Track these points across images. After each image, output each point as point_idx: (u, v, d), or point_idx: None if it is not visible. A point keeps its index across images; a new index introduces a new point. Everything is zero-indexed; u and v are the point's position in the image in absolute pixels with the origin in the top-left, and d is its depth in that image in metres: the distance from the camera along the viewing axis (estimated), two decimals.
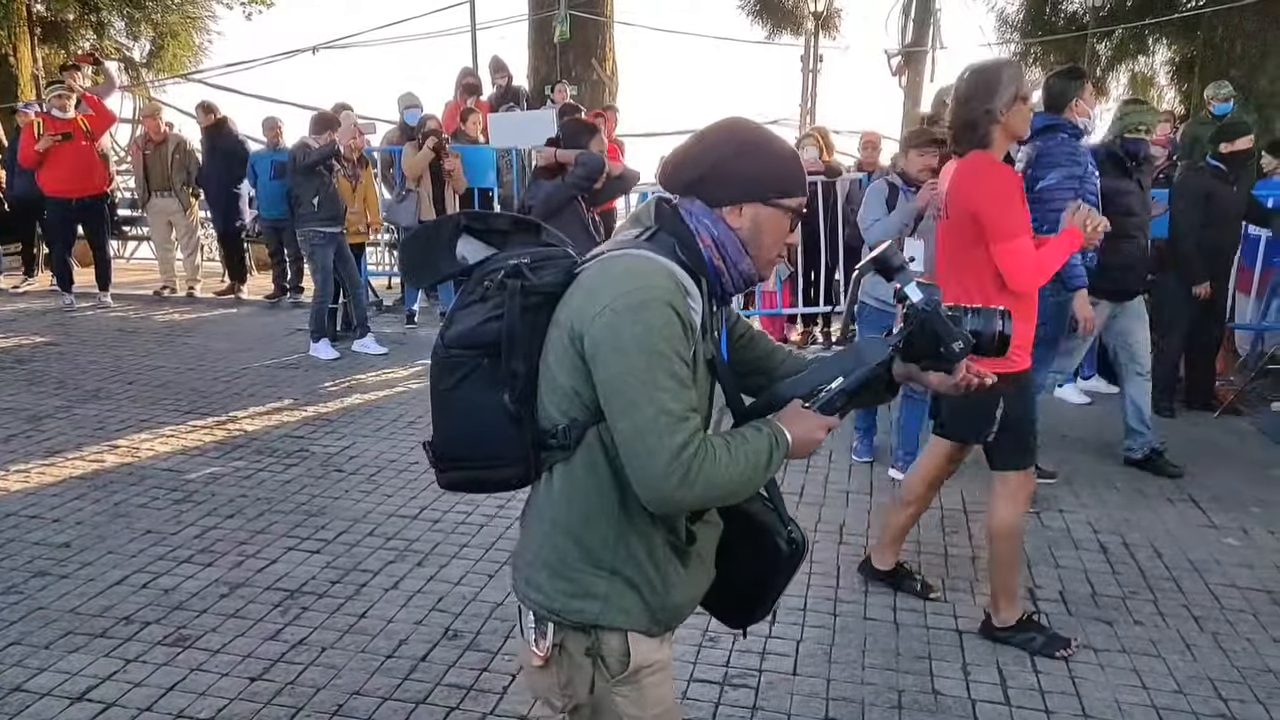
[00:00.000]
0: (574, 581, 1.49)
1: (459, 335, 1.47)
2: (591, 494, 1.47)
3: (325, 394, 6.12)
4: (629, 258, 1.45)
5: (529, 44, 11.84)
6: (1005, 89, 2.85)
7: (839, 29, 15.35)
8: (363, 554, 3.83)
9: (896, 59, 10.97)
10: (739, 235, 1.51)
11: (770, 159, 1.53)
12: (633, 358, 1.36)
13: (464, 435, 1.52)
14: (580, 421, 1.44)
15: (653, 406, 1.36)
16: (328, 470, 4.76)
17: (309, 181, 6.81)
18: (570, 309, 1.42)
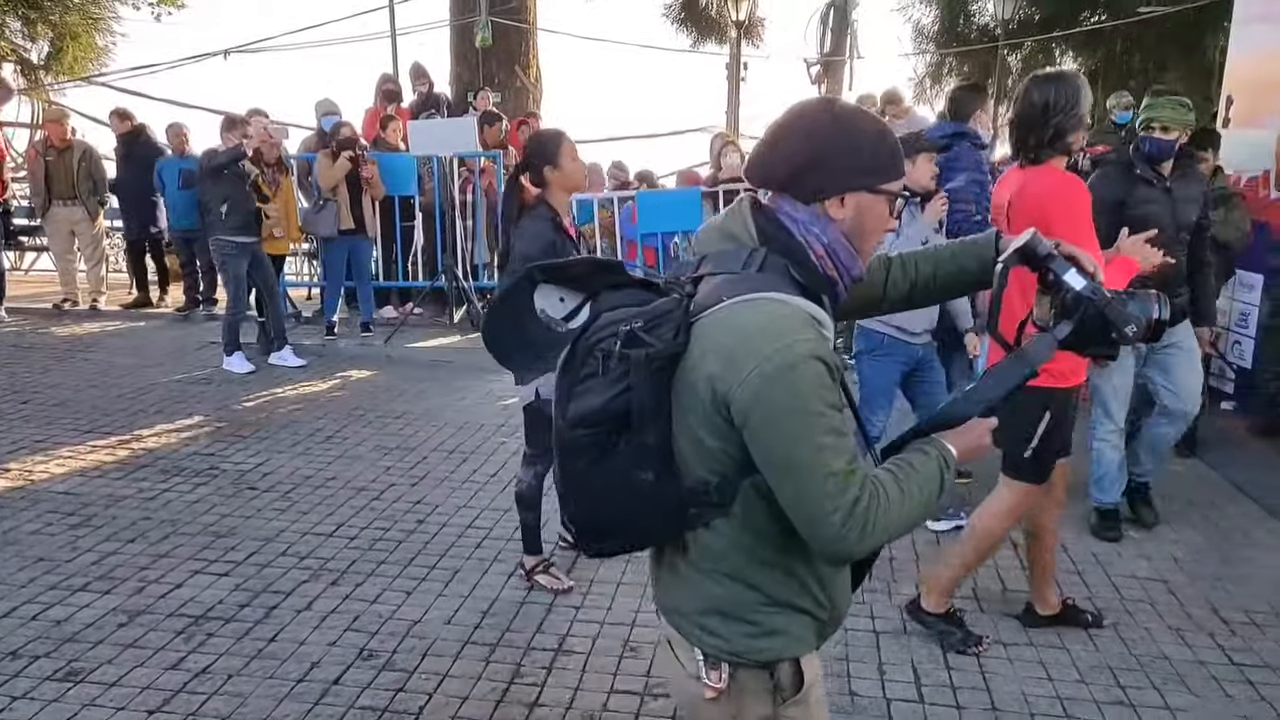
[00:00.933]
0: (754, 624, 1.45)
1: (584, 415, 1.36)
2: (757, 541, 1.41)
3: (239, 409, 5.92)
4: (758, 307, 1.32)
5: (451, 50, 11.70)
6: (1085, 101, 2.87)
7: (762, 37, 15.58)
8: (274, 575, 3.69)
9: (816, 68, 11.13)
10: (844, 231, 1.42)
11: (870, 140, 1.41)
12: (789, 426, 1.29)
13: (608, 514, 1.44)
14: (732, 478, 1.38)
15: (819, 471, 1.29)
16: (239, 488, 4.59)
17: (217, 187, 6.59)
18: (708, 372, 1.33)
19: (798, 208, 1.41)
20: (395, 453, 5.19)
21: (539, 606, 3.46)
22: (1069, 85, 2.88)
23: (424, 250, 8.57)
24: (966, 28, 13.94)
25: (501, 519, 4.25)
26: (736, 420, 1.31)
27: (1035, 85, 2.93)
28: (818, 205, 1.41)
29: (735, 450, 1.35)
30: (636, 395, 1.33)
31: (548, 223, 3.37)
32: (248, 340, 7.14)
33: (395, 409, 6.05)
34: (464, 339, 8.02)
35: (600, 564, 3.78)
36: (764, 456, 1.32)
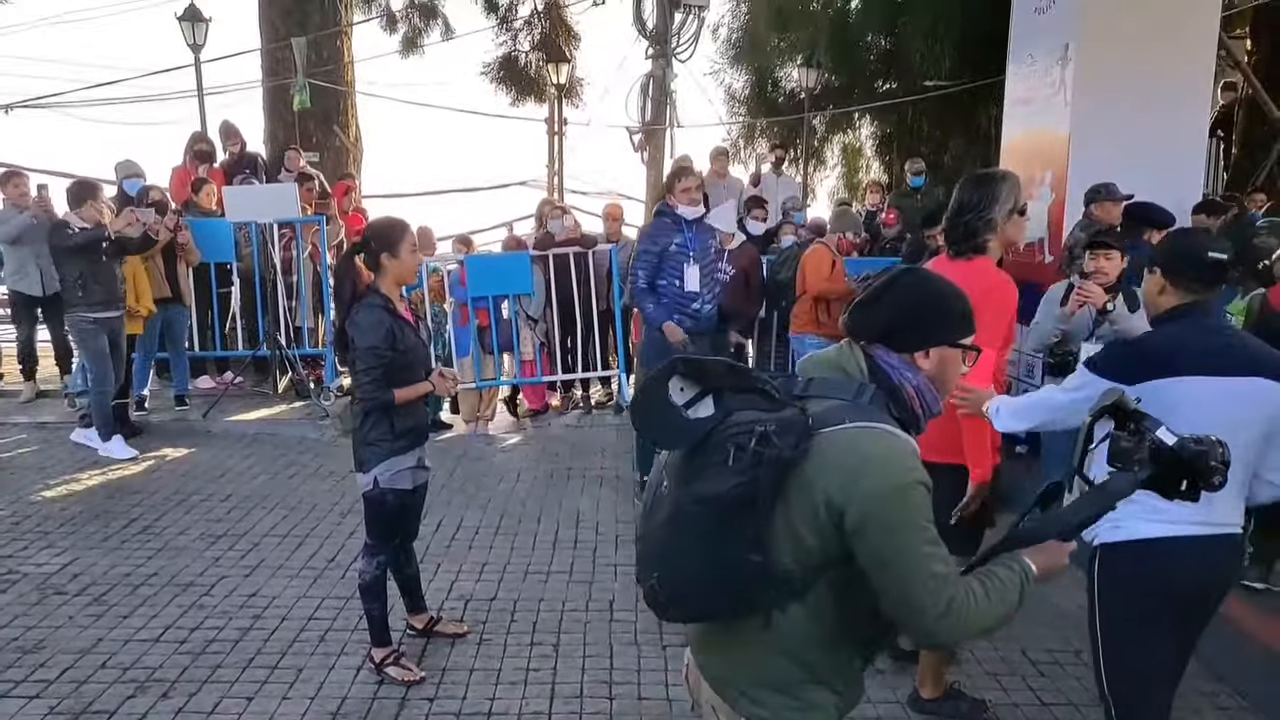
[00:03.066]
0: (798, 698, 1.69)
1: (707, 496, 1.57)
2: (818, 626, 1.64)
3: (39, 501, 5.47)
4: (878, 436, 1.59)
5: (264, 110, 11.37)
6: (1005, 201, 2.97)
7: (581, 97, 15.99)
8: (94, 692, 3.43)
9: (638, 135, 11.57)
10: (930, 376, 1.71)
11: (952, 305, 1.74)
12: (902, 536, 1.55)
13: (698, 584, 1.63)
14: (815, 570, 1.61)
15: (923, 574, 1.55)
16: (44, 594, 4.25)
17: (72, 262, 6.08)
18: (826, 482, 1.56)
19: (892, 355, 1.71)
20: (223, 540, 4.94)
21: (392, 701, 3.40)
22: (986, 188, 3.00)
23: (243, 317, 8.23)
24: (774, 93, 14.87)
25: (344, 608, 4.14)
26: (848, 527, 1.57)
27: (962, 184, 3.10)
28: (908, 355, 1.71)
29: (831, 549, 1.59)
30: (761, 488, 1.54)
31: (382, 310, 3.38)
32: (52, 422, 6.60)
33: (220, 490, 5.76)
34: (289, 409, 7.74)
35: (451, 651, 3.77)
36: (876, 558, 1.57)
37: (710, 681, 1.78)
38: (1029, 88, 6.29)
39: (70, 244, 6.01)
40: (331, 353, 8.10)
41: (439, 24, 15.74)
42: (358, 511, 5.34)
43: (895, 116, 13.48)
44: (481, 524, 5.24)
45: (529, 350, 7.71)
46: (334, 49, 11.64)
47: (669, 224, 5.39)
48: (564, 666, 3.66)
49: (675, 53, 11.37)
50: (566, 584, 4.43)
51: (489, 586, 4.42)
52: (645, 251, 5.39)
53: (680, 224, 5.38)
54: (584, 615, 4.12)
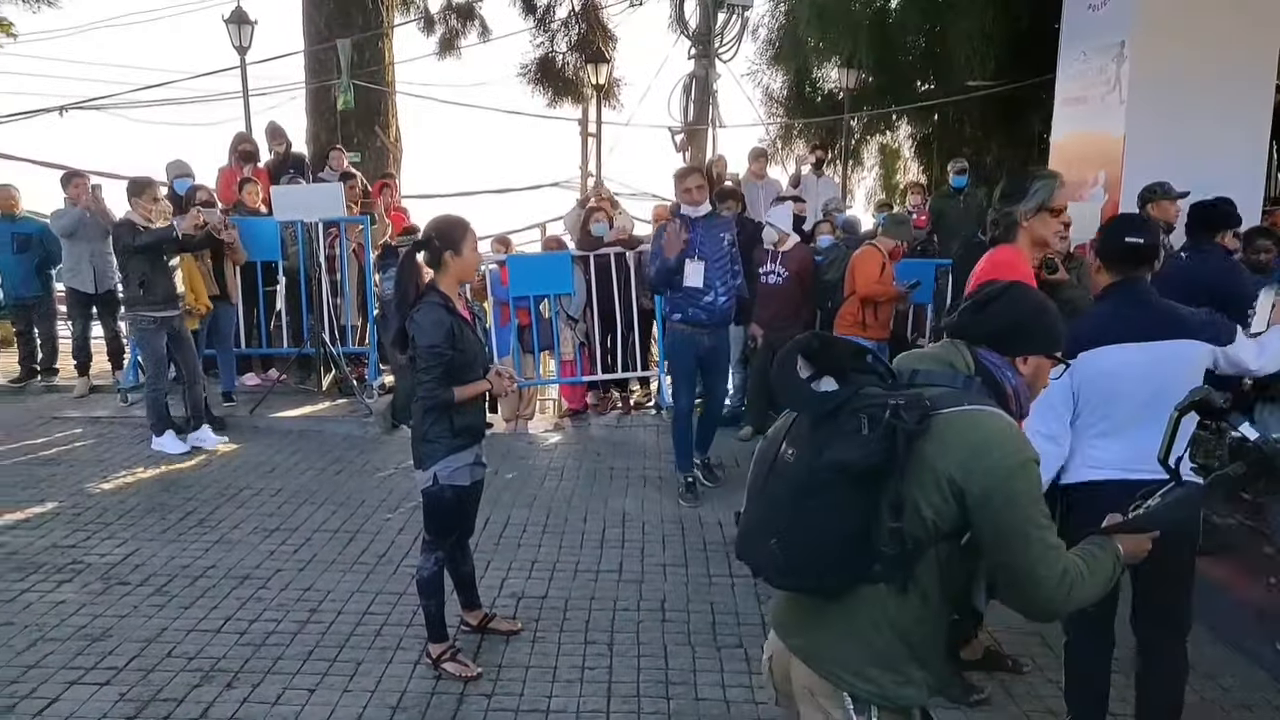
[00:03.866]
0: (902, 674, 1.81)
1: (840, 462, 1.69)
2: (922, 604, 1.76)
3: (98, 494, 5.58)
4: (998, 417, 1.76)
5: (307, 111, 11.50)
6: (1030, 199, 3.15)
7: (619, 98, 16.01)
8: (161, 680, 3.51)
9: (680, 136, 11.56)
10: (1025, 380, 1.91)
11: (1054, 321, 1.95)
12: (1023, 510, 1.69)
13: (815, 549, 1.74)
14: (924, 544, 1.72)
15: (1041, 545, 1.71)
16: (109, 584, 4.34)
17: (136, 262, 6.19)
18: (949, 454, 1.70)
19: (995, 356, 1.89)
20: (276, 535, 5.02)
21: (450, 697, 3.44)
22: (1019, 184, 3.21)
23: (288, 315, 8.34)
24: (813, 93, 14.81)
25: (398, 603, 4.19)
26: (970, 502, 1.70)
27: (1004, 178, 3.33)
28: (1009, 358, 1.90)
29: (945, 523, 1.72)
30: (893, 457, 1.67)
31: (442, 309, 3.41)
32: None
33: (270, 485, 5.84)
34: (332, 406, 7.82)
35: (505, 648, 3.80)
36: (999, 531, 1.71)
37: (809, 662, 1.86)
38: (1081, 87, 6.23)
39: (139, 243, 6.11)
40: (374, 351, 8.19)
41: (476, 25, 15.83)
42: (405, 508, 5.42)
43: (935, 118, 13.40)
44: (529, 522, 5.28)
45: (569, 350, 7.75)
46: (376, 50, 11.76)
47: (679, 223, 5.58)
48: (619, 666, 3.68)
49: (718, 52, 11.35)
50: (617, 583, 4.45)
51: (540, 584, 4.45)
52: (656, 252, 5.67)
53: (687, 223, 5.55)
54: (636, 615, 4.13)
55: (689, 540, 5.02)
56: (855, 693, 1.81)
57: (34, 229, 8.06)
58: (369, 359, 8.27)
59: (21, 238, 7.88)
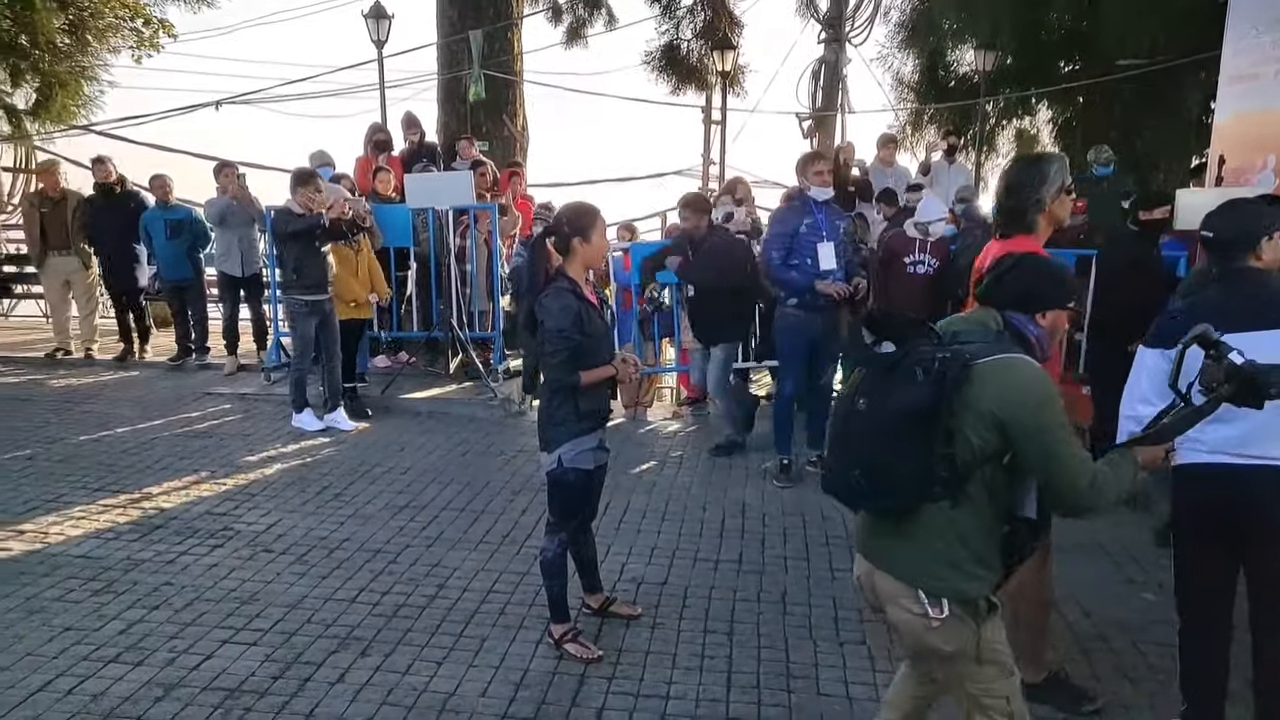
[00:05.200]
0: (965, 571, 2.24)
1: (907, 406, 2.14)
2: (975, 513, 2.21)
3: (245, 466, 5.91)
4: (1027, 363, 2.22)
5: (439, 101, 11.82)
6: (1054, 180, 3.10)
7: (744, 85, 15.86)
8: (302, 644, 3.70)
9: (808, 122, 11.35)
10: (1046, 332, 2.35)
11: (1064, 278, 2.43)
12: (1055, 432, 2.15)
13: (893, 473, 2.18)
14: (974, 466, 2.16)
15: (1073, 457, 2.16)
16: (255, 551, 4.60)
17: (289, 247, 6.55)
18: (989, 395, 2.14)
19: (1021, 317, 2.34)
20: (406, 511, 5.21)
21: (571, 678, 3.49)
22: (1036, 170, 3.14)
23: (418, 300, 8.62)
24: (946, 76, 14.29)
25: (521, 583, 4.29)
26: (1011, 431, 2.14)
27: (1012, 166, 3.31)
28: (1031, 315, 2.34)
29: (989, 448, 2.16)
30: (944, 398, 2.11)
31: (570, 295, 3.45)
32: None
33: (400, 464, 6.07)
34: (459, 389, 8.06)
35: (625, 632, 3.84)
36: (1039, 451, 2.15)
37: (891, 572, 2.32)
38: (1252, 64, 5.79)
39: (289, 229, 6.43)
40: (500, 336, 8.39)
41: (602, 14, 15.96)
42: (529, 490, 5.54)
43: (1079, 100, 12.72)
44: (648, 508, 5.31)
45: (690, 338, 7.73)
46: (505, 41, 11.98)
47: (799, 207, 5.71)
48: (739, 655, 3.66)
49: (849, 36, 11.09)
50: (737, 573, 4.43)
51: (659, 570, 4.47)
52: (777, 235, 5.72)
53: (810, 206, 5.62)
54: (756, 606, 4.11)
55: (811, 533, 4.95)
56: (929, 589, 2.24)
57: (184, 215, 8.59)
58: (495, 344, 8.47)
59: (174, 224, 8.41)
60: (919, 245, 6.62)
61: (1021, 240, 3.11)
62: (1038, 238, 3.14)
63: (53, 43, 13.16)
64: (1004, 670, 2.34)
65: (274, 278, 8.05)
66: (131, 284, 8.85)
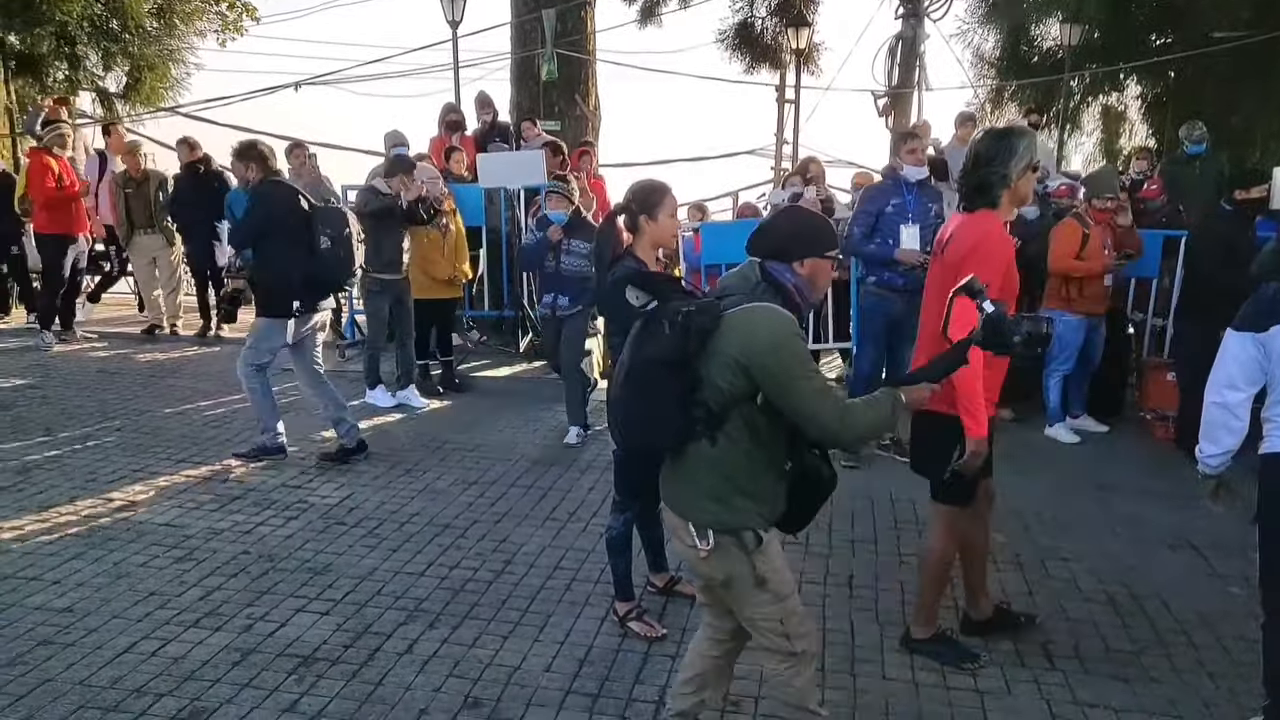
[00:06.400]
0: (729, 505, 2.43)
1: (656, 356, 2.35)
2: (735, 450, 2.39)
3: (318, 440, 6.05)
4: (769, 309, 2.37)
5: (512, 80, 11.88)
6: (1022, 156, 3.09)
7: (819, 65, 15.59)
8: (373, 614, 3.78)
9: (883, 100, 11.10)
10: (805, 279, 2.44)
11: (817, 229, 2.53)
12: (791, 370, 2.31)
13: (653, 419, 2.41)
14: (728, 407, 2.35)
15: (815, 393, 2.32)
16: (329, 523, 4.71)
17: (371, 227, 6.65)
18: (733, 342, 2.32)
19: (777, 265, 2.44)
20: (474, 488, 5.28)
21: (635, 655, 3.50)
22: (1004, 143, 3.12)
23: (489, 279, 8.70)
24: (1030, 52, 13.82)
25: (586, 560, 4.31)
26: (751, 371, 2.31)
27: (981, 139, 3.29)
28: (789, 264, 2.44)
29: (738, 392, 2.34)
30: (689, 349, 2.31)
31: (634, 273, 3.42)
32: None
33: (469, 441, 6.14)
34: (529, 368, 8.12)
35: (690, 612, 3.83)
36: (779, 389, 2.32)
37: (671, 507, 2.55)
38: None
39: (367, 209, 6.53)
40: None
41: None
42: (596, 468, 5.56)
43: (1171, 75, 12.18)
44: None
45: None
46: (578, 19, 11.96)
47: (889, 186, 5.69)
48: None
49: (927, 11, 10.80)
50: (803, 556, 4.38)
51: None
52: (862, 212, 5.74)
53: (901, 186, 5.59)
54: (822, 589, 4.06)
55: (879, 517, 4.87)
56: (696, 521, 2.46)
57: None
58: None
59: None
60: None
61: (985, 214, 3.14)
62: (1000, 212, 3.16)
63: (142, 26, 13.62)
64: (777, 596, 2.51)
65: None
66: (212, 262, 9.12)
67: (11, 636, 3.53)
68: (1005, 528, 4.75)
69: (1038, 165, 3.20)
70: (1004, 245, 3.17)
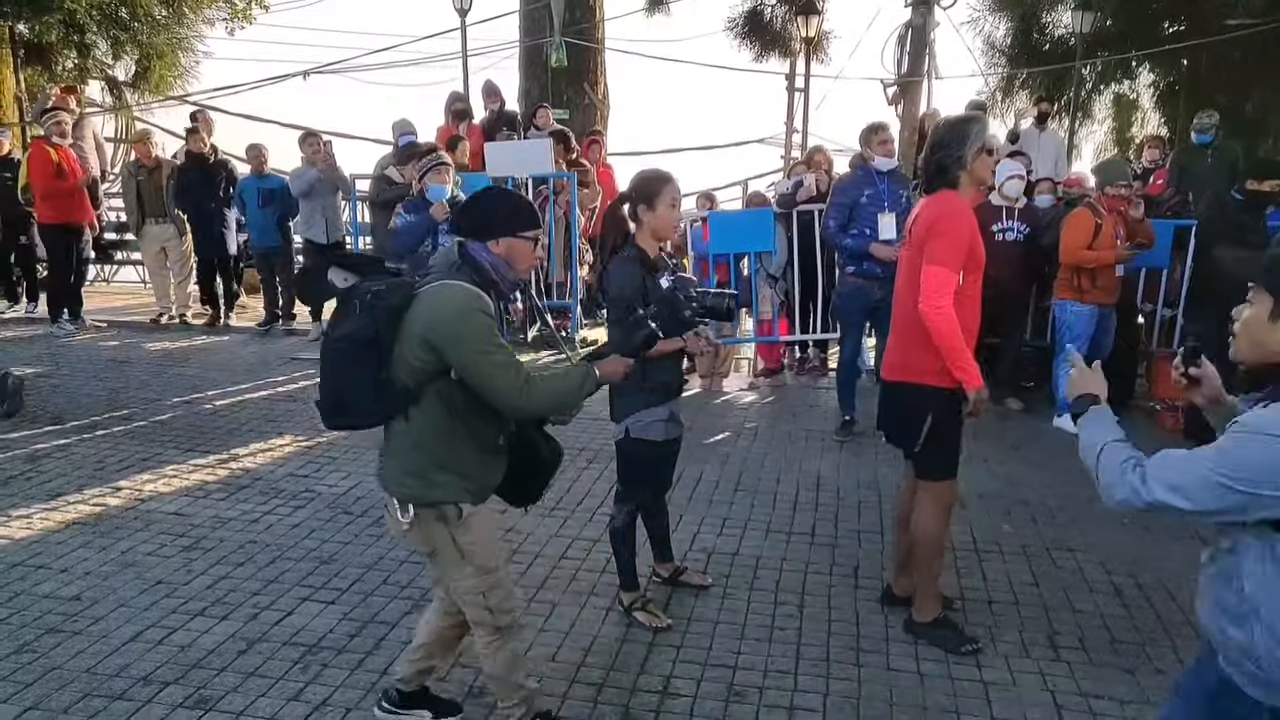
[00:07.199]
0: (427, 479, 2.50)
1: (345, 334, 2.43)
2: (431, 425, 2.47)
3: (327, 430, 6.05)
4: (453, 286, 2.45)
5: (520, 69, 11.86)
6: (974, 141, 3.27)
7: (828, 53, 15.49)
8: (378, 604, 3.79)
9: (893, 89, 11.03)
10: (502, 258, 2.54)
11: (514, 210, 2.62)
12: (471, 342, 2.39)
13: (348, 397, 2.47)
14: (420, 383, 2.43)
15: (497, 365, 2.40)
16: (335, 513, 4.72)
17: (379, 214, 6.67)
18: (419, 318, 2.40)
19: (476, 245, 2.53)
20: None
21: (639, 645, 3.51)
22: (958, 129, 3.32)
23: None
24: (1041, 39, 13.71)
25: (592, 550, 4.31)
26: (436, 346, 2.38)
27: (938, 125, 3.49)
28: (485, 243, 2.53)
29: (429, 367, 2.41)
30: (378, 325, 2.38)
31: (636, 264, 3.40)
32: None
33: None
34: (536, 357, 8.12)
35: (695, 602, 3.83)
36: (461, 364, 2.40)
37: (382, 482, 2.59)
38: None
39: (380, 197, 6.54)
40: (577, 305, 8.42)
41: None
42: (603, 458, 5.55)
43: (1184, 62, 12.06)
44: (721, 479, 5.28)
45: (767, 309, 7.64)
46: (586, 8, 11.94)
47: (861, 177, 5.88)
48: (809, 628, 3.63)
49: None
50: (809, 546, 4.38)
51: (731, 541, 4.44)
52: (836, 204, 5.90)
53: (873, 175, 5.80)
54: (828, 579, 4.06)
55: (885, 507, 4.86)
56: (398, 496, 2.52)
57: (277, 184, 8.79)
58: (572, 313, 8.50)
59: (266, 192, 8.62)
60: (1005, 212, 6.47)
61: (946, 194, 3.32)
62: (961, 191, 3.33)
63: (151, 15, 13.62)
64: (480, 570, 2.59)
65: (357, 245, 8.20)
66: (220, 251, 9.12)
67: (19, 624, 3.56)
68: (1012, 518, 4.74)
69: (992, 149, 3.39)
70: (966, 220, 3.30)
